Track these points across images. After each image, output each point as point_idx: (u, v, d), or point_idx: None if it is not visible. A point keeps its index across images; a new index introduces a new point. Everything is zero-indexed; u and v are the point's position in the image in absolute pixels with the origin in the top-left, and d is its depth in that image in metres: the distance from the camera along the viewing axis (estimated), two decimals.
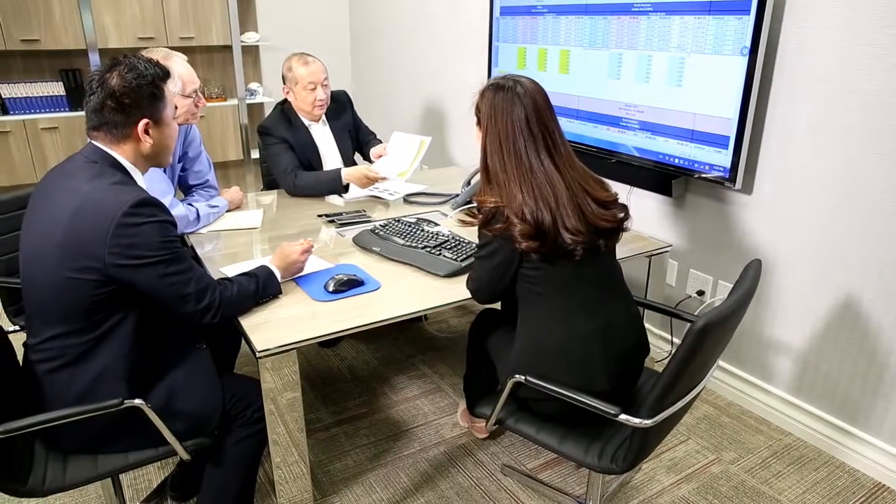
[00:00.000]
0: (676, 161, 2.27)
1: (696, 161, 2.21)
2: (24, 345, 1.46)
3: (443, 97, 3.73)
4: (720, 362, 2.39)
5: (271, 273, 1.60)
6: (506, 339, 1.72)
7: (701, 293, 2.43)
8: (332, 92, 2.67)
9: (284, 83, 2.56)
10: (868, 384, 1.97)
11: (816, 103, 1.93)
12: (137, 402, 1.34)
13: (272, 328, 1.47)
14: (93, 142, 1.42)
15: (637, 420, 1.33)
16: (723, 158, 2.12)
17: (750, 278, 1.43)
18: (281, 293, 1.62)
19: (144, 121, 1.39)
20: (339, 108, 2.72)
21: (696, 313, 1.78)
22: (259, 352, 1.37)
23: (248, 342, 1.43)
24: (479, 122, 1.51)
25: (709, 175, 2.17)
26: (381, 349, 2.73)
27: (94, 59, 3.56)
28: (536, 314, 1.49)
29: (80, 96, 3.76)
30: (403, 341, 2.79)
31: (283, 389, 1.46)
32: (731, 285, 2.29)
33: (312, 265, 1.76)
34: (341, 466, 2.03)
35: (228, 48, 3.96)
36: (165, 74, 1.44)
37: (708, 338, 1.26)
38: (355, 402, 2.37)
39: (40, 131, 3.60)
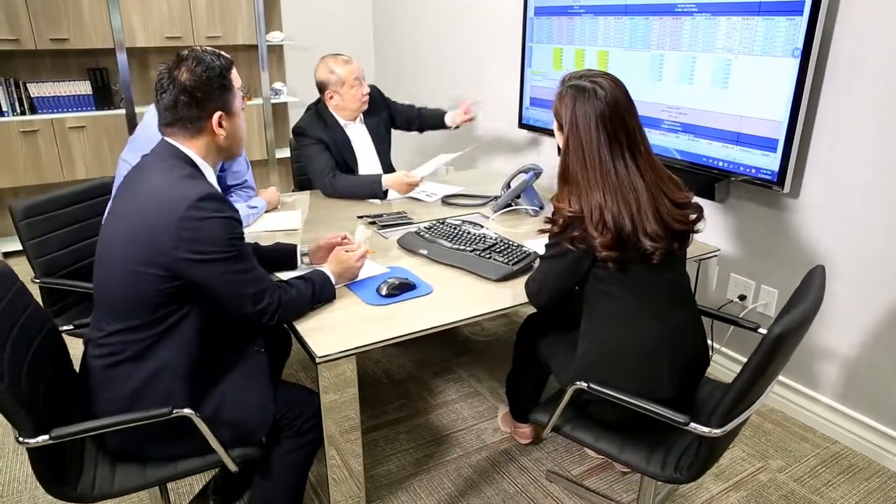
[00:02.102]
0: (720, 164, 2.24)
1: (741, 164, 2.18)
2: (85, 341, 1.46)
3: (469, 97, 3.69)
4: None
5: (327, 278, 1.58)
6: (560, 343, 1.70)
7: (742, 298, 2.39)
8: None
9: (326, 89, 2.51)
10: None
11: (871, 105, 1.90)
12: (187, 411, 1.32)
13: (328, 333, 1.44)
14: (165, 138, 1.41)
15: (706, 429, 1.30)
16: (770, 161, 2.08)
17: (817, 285, 1.40)
18: (335, 298, 1.60)
19: (218, 113, 1.38)
20: (372, 106, 2.69)
21: (739, 316, 1.75)
22: (319, 357, 1.35)
23: (305, 347, 1.41)
24: (559, 126, 1.49)
25: (755, 178, 2.13)
26: (415, 352, 2.70)
27: (122, 59, 3.55)
28: (604, 317, 1.47)
29: (106, 95, 3.76)
30: (437, 344, 2.77)
31: (341, 395, 1.44)
32: (774, 290, 2.27)
33: (365, 270, 1.73)
34: (384, 472, 2.00)
35: (254, 48, 3.95)
36: (231, 65, 1.43)
37: (783, 346, 1.23)
38: (393, 405, 2.35)
39: (68, 130, 3.60)
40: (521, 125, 3.17)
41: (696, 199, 1.49)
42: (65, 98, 3.67)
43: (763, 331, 1.59)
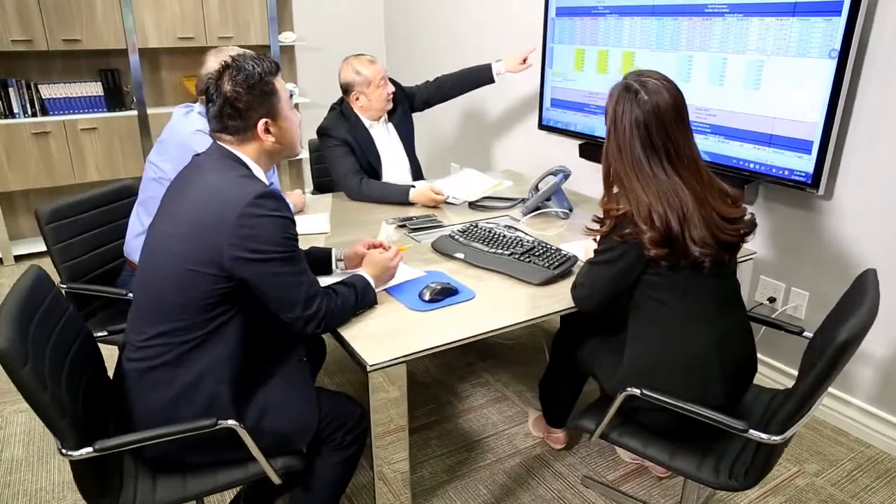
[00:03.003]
0: (752, 166, 2.23)
1: (773, 166, 2.16)
2: (121, 346, 1.43)
3: (485, 99, 3.67)
4: (788, 369, 2.34)
5: (368, 283, 1.55)
6: (603, 348, 1.67)
7: (772, 300, 2.38)
8: None
9: (351, 90, 2.49)
10: None
11: None
12: (231, 423, 1.30)
13: (376, 340, 1.42)
14: (217, 142, 1.39)
15: (766, 436, 1.28)
16: (805, 163, 2.07)
17: (873, 289, 1.38)
18: (377, 303, 1.57)
19: (263, 121, 1.36)
20: (395, 100, 2.66)
21: (772, 317, 1.74)
22: (370, 366, 1.32)
23: (354, 355, 1.38)
24: (606, 123, 1.47)
25: (789, 180, 2.12)
26: (439, 356, 2.68)
27: (134, 60, 3.53)
28: (654, 323, 1.45)
29: (118, 97, 3.72)
30: (461, 347, 2.73)
31: (391, 404, 1.41)
32: (805, 292, 2.26)
33: (402, 273, 1.71)
34: (417, 478, 1.98)
35: (266, 48, 3.91)
36: (275, 68, 1.41)
37: (848, 351, 1.21)
38: (421, 410, 2.32)
39: (80, 132, 3.55)
40: (542, 126, 3.15)
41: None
42: (76, 99, 3.63)
43: (808, 334, 1.59)
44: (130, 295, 1.85)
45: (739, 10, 2.16)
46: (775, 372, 2.41)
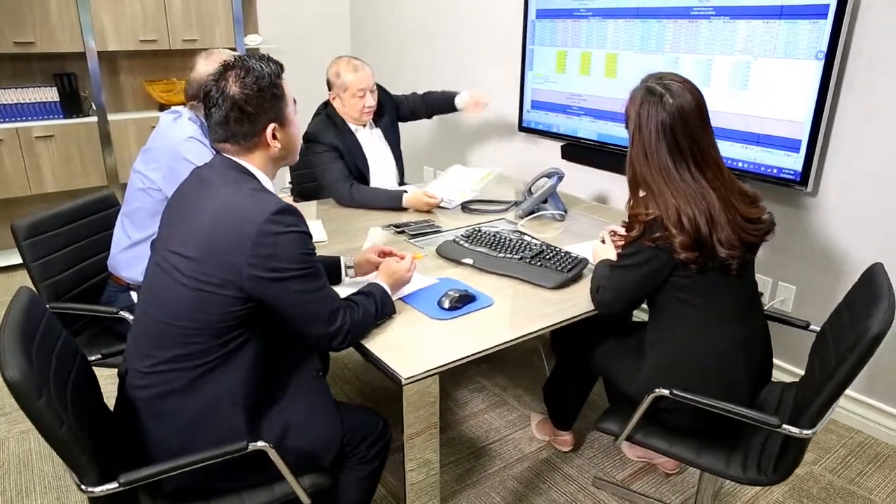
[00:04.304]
0: (740, 164, 2.28)
1: (762, 164, 2.22)
2: (122, 372, 1.34)
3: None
4: (780, 362, 2.41)
5: (385, 292, 1.50)
6: (618, 350, 1.67)
7: (760, 294, 2.44)
8: None
9: (331, 88, 2.45)
10: None
11: (892, 105, 1.96)
12: (260, 444, 1.23)
13: (404, 352, 1.38)
14: (221, 153, 1.31)
15: (797, 430, 1.31)
16: (793, 162, 2.13)
17: (886, 282, 1.42)
18: (395, 312, 1.52)
19: (272, 126, 1.29)
20: (381, 107, 2.61)
21: (775, 312, 1.78)
22: (405, 379, 1.28)
23: (383, 368, 1.34)
24: (627, 126, 1.46)
25: (777, 178, 2.18)
26: None
27: (93, 63, 3.36)
28: (680, 324, 1.46)
29: (75, 103, 3.53)
30: None
31: (423, 417, 1.37)
32: (792, 286, 2.33)
33: (415, 281, 1.67)
34: None
35: (233, 51, 3.78)
36: (281, 69, 1.34)
37: (877, 344, 1.24)
38: None
39: (34, 140, 3.35)
40: (522, 128, 3.15)
41: None
42: (29, 105, 3.42)
43: (816, 328, 1.63)
44: (122, 313, 1.76)
45: (726, 13, 2.21)
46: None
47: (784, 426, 1.31)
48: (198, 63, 1.86)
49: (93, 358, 1.60)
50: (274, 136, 1.31)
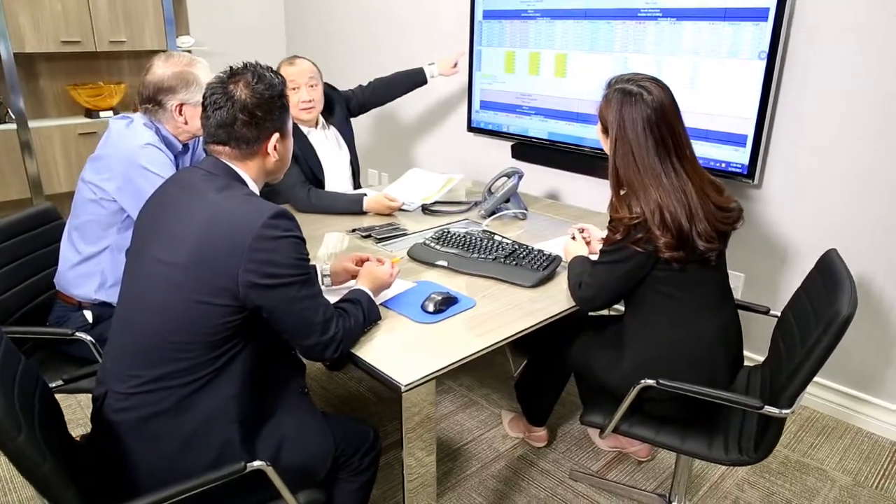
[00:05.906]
0: None
1: (711, 159, 2.32)
2: (100, 395, 1.24)
3: (405, 103, 3.62)
4: None
5: (370, 298, 1.47)
6: (596, 344, 1.71)
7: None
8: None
9: None
10: (881, 355, 2.18)
11: (825, 101, 2.10)
12: (257, 464, 1.19)
13: (398, 357, 1.35)
14: (213, 156, 1.26)
15: (777, 410, 1.37)
16: (741, 156, 2.25)
17: (844, 267, 1.51)
18: (381, 318, 1.50)
19: (275, 136, 1.28)
20: (330, 104, 2.56)
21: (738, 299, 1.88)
22: (405, 386, 1.26)
23: (379, 377, 1.31)
24: (604, 130, 1.49)
25: (726, 172, 2.29)
26: None
27: (9, 68, 3.12)
28: (661, 316, 1.50)
29: None
30: None
31: (422, 423, 1.35)
32: (741, 274, 2.45)
33: (395, 286, 1.64)
34: None
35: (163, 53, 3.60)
36: (285, 84, 1.33)
37: (848, 324, 1.32)
38: (393, 425, 2.25)
39: None
40: (470, 128, 3.17)
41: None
42: None
43: (776, 313, 1.73)
44: (79, 335, 1.64)
45: (672, 15, 2.30)
46: None
47: (767, 407, 1.37)
48: (155, 65, 1.76)
49: (55, 384, 1.49)
50: (275, 147, 1.30)
